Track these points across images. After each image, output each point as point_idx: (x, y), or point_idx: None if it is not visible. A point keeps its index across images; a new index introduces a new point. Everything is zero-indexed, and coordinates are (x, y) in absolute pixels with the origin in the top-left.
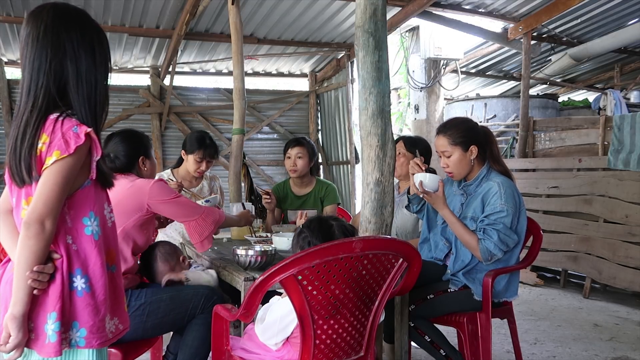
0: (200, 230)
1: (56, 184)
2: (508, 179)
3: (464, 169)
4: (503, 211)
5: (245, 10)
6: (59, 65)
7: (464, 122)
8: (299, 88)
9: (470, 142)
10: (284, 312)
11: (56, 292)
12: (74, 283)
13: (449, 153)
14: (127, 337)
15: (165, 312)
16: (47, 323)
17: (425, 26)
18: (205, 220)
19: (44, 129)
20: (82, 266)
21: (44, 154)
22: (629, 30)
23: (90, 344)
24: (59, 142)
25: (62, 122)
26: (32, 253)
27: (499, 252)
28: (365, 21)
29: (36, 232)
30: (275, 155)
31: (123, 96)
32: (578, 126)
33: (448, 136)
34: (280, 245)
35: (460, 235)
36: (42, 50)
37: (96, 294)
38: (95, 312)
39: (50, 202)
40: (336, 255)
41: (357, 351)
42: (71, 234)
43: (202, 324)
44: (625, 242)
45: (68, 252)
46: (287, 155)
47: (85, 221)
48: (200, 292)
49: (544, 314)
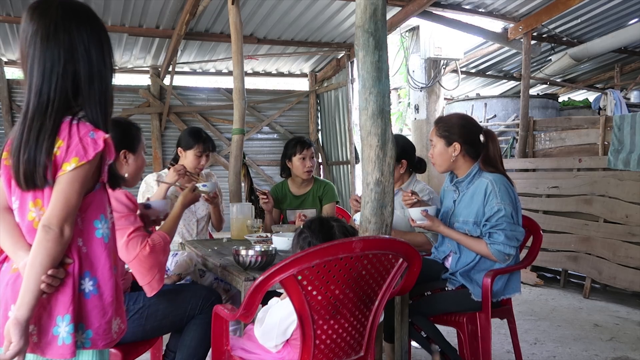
0: (143, 273)
1: (75, 190)
2: (501, 175)
3: (445, 162)
4: (501, 210)
5: (245, 10)
6: (72, 65)
7: (457, 118)
8: (299, 88)
9: (454, 138)
10: (283, 315)
11: (68, 295)
12: (82, 285)
13: (433, 143)
14: (127, 339)
15: (164, 314)
16: (57, 325)
17: (425, 26)
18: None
19: (59, 133)
20: (91, 269)
21: (60, 158)
22: (629, 30)
23: (95, 345)
24: (77, 148)
25: (78, 127)
26: (49, 256)
27: (511, 250)
28: (365, 21)
29: (55, 236)
30: (275, 155)
31: (123, 96)
32: (578, 126)
33: (438, 127)
34: (280, 245)
35: (469, 247)
36: (54, 49)
37: (104, 296)
38: (102, 314)
39: (69, 207)
40: (336, 255)
41: (357, 351)
42: (82, 236)
43: (200, 325)
44: (625, 242)
45: (79, 255)
46: (300, 156)
47: (96, 224)
48: (199, 293)
49: (544, 314)
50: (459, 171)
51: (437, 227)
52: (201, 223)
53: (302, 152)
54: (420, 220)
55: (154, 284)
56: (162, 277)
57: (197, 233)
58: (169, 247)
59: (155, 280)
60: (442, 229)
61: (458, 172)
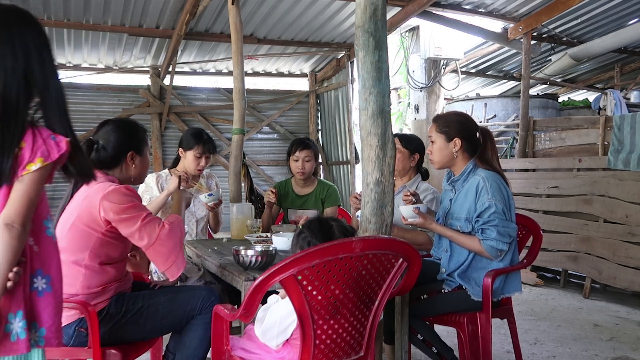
0: (166, 254)
1: (37, 189)
2: (494, 173)
3: (444, 158)
4: (492, 206)
5: (245, 10)
6: (30, 68)
7: (456, 115)
8: (299, 88)
9: (455, 134)
10: (283, 314)
11: (20, 292)
12: (34, 284)
13: (433, 139)
14: (126, 339)
15: (163, 314)
16: (9, 323)
17: (425, 26)
18: (167, 240)
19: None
20: (43, 267)
21: (23, 159)
22: (629, 30)
23: (49, 343)
24: (42, 149)
25: (40, 130)
26: (14, 255)
27: (503, 246)
28: (365, 21)
29: (19, 234)
30: (275, 155)
31: (123, 96)
32: (578, 126)
33: (437, 124)
34: (280, 245)
35: (461, 244)
36: (11, 54)
37: (57, 294)
38: (56, 312)
39: (32, 206)
40: (336, 255)
41: (357, 351)
42: (33, 235)
43: (200, 325)
44: (625, 242)
45: (30, 254)
46: (294, 157)
47: (46, 223)
48: (198, 293)
49: (544, 314)
50: (455, 168)
51: (429, 225)
52: (201, 223)
53: (295, 153)
54: (411, 218)
55: (178, 264)
56: (183, 257)
57: (197, 233)
58: (184, 226)
59: (179, 260)
60: (434, 226)
61: (455, 168)
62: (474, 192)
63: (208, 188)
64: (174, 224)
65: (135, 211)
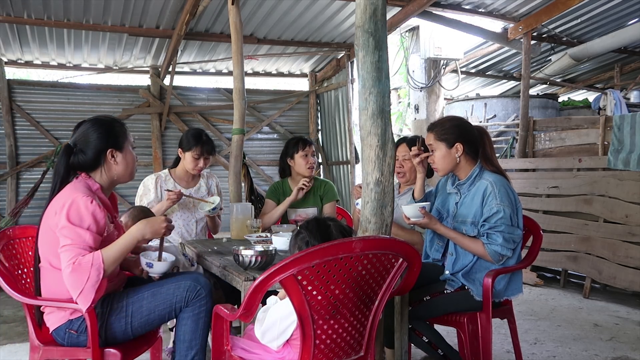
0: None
1: None
2: (501, 177)
3: (448, 164)
4: (500, 211)
5: (245, 10)
6: None
7: (451, 120)
8: (299, 88)
9: (455, 139)
10: (282, 314)
11: None
12: None
13: (433, 147)
14: (119, 338)
15: (149, 309)
16: None
17: (425, 26)
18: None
19: None
20: None
21: None
22: (629, 30)
23: None
24: None
25: None
26: None
27: (508, 252)
28: (365, 21)
29: None
30: (275, 155)
31: (123, 96)
32: (578, 126)
33: (435, 132)
34: (280, 245)
35: (465, 246)
36: None
37: None
38: None
39: None
40: (336, 255)
41: (357, 351)
42: None
43: (189, 317)
44: (625, 242)
45: None
46: (302, 153)
47: None
48: (183, 285)
49: (544, 314)
50: (460, 172)
51: (433, 225)
52: (200, 223)
53: (304, 149)
54: (415, 218)
55: (87, 296)
56: (93, 291)
57: (197, 233)
58: (100, 270)
59: (88, 293)
60: (439, 226)
61: (459, 173)
62: (481, 197)
63: (208, 189)
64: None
65: (66, 233)
